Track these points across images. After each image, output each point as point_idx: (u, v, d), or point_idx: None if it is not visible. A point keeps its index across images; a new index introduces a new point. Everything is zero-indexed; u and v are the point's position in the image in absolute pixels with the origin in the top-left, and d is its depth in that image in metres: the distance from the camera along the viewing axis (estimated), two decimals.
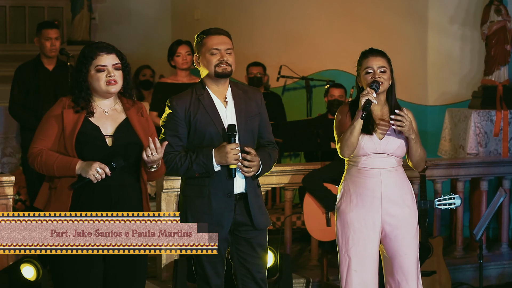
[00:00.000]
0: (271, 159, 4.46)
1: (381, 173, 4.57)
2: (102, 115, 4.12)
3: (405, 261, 4.60)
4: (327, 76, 8.98)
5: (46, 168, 4.05)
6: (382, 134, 4.58)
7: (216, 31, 4.44)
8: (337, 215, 4.67)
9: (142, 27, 11.67)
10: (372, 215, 4.57)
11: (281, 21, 9.63)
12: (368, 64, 4.60)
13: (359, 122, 4.48)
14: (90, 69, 4.06)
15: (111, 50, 4.10)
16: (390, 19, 8.44)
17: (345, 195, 4.64)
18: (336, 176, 6.17)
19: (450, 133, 7.78)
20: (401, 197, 4.61)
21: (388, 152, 4.57)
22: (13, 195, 5.91)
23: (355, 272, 4.58)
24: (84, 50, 4.11)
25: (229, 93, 4.44)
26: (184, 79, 7.03)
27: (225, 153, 4.25)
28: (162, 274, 6.32)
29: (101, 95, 4.11)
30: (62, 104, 4.11)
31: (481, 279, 5.69)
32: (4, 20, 11.14)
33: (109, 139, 4.09)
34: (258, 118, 4.45)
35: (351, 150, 4.54)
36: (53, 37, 6.76)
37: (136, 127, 4.14)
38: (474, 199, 7.40)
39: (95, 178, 3.97)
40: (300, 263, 6.94)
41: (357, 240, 4.57)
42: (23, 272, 5.63)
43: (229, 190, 4.34)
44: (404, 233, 4.60)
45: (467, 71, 8.07)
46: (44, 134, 4.09)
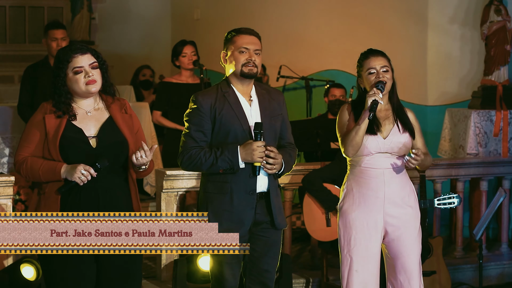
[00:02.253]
0: (292, 159, 4.49)
1: (384, 173, 4.57)
2: (85, 116, 4.10)
3: (408, 262, 4.60)
4: (327, 76, 8.98)
5: (32, 174, 4.04)
6: (386, 134, 4.58)
7: (247, 30, 4.43)
8: (339, 215, 4.67)
9: (142, 27, 11.67)
10: (374, 215, 4.57)
11: (281, 21, 9.62)
12: (370, 64, 4.59)
13: (366, 123, 4.47)
14: (68, 72, 4.05)
15: (86, 50, 4.08)
16: (390, 19, 8.44)
17: (348, 195, 4.63)
18: (336, 176, 6.17)
19: (450, 133, 7.78)
20: (403, 197, 4.60)
21: (391, 152, 4.57)
22: (13, 195, 5.92)
23: (356, 273, 4.58)
24: (58, 54, 4.09)
25: (254, 93, 4.44)
26: (189, 79, 7.05)
27: (251, 150, 4.26)
28: (162, 274, 6.32)
29: (82, 96, 4.09)
30: (43, 110, 4.11)
31: (481, 279, 5.69)
32: (4, 20, 11.13)
33: (93, 140, 4.07)
34: (280, 118, 4.47)
35: (356, 150, 4.53)
36: (59, 38, 6.78)
37: (120, 125, 4.12)
38: (474, 199, 7.40)
39: (80, 181, 3.96)
40: (300, 263, 6.94)
41: (359, 240, 4.57)
42: (23, 272, 5.63)
43: (252, 188, 4.34)
44: (407, 233, 4.59)
45: (467, 71, 8.07)
46: (28, 141, 4.08)
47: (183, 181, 6.29)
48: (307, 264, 6.90)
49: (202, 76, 6.93)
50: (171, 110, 7.02)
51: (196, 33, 10.81)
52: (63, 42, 6.79)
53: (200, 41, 9.33)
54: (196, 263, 5.96)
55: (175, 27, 11.74)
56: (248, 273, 4.49)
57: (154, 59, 10.55)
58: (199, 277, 5.98)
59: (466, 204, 7.50)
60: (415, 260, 4.61)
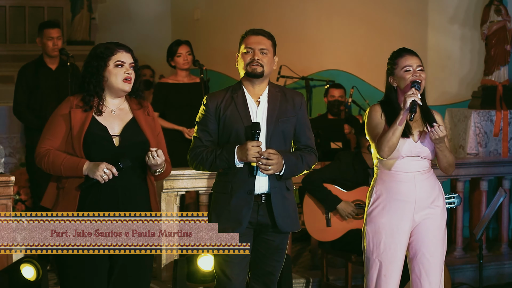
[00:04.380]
0: (302, 163, 4.42)
1: (415, 177, 4.51)
2: (109, 114, 4.13)
3: (431, 263, 4.54)
4: (327, 76, 8.98)
5: (53, 168, 4.05)
6: (417, 137, 4.52)
7: (254, 31, 4.45)
8: (367, 220, 4.58)
9: (142, 27, 11.66)
10: (404, 220, 4.51)
11: (281, 21, 9.62)
12: (407, 62, 4.53)
13: (402, 124, 4.39)
14: (109, 64, 4.08)
15: (129, 49, 4.15)
16: (390, 19, 8.44)
17: (378, 201, 4.55)
18: (336, 176, 6.17)
19: (450, 133, 7.78)
20: (433, 199, 4.55)
21: (421, 155, 4.51)
22: (13, 195, 5.91)
23: (384, 277, 4.53)
24: (100, 46, 4.14)
25: (265, 94, 4.44)
26: (185, 79, 7.04)
27: (246, 150, 4.26)
28: (162, 274, 6.32)
29: (113, 92, 4.12)
30: (69, 104, 4.11)
31: (481, 279, 5.68)
32: (4, 20, 11.14)
33: (116, 139, 4.10)
34: (292, 120, 4.43)
35: (392, 151, 4.43)
36: (54, 37, 6.76)
37: (143, 126, 4.16)
38: (474, 199, 7.40)
39: (102, 179, 3.98)
40: (300, 263, 6.94)
41: (388, 245, 4.52)
42: (23, 272, 5.63)
43: (250, 188, 4.34)
44: (434, 235, 4.54)
45: (467, 71, 8.07)
46: (52, 134, 4.09)
47: (183, 181, 6.29)
48: (307, 264, 6.90)
49: (202, 76, 6.93)
50: (168, 111, 7.01)
51: (196, 33, 10.81)
52: (59, 41, 6.77)
53: (200, 41, 9.35)
54: (196, 263, 5.96)
55: (175, 27, 11.74)
56: (253, 272, 4.52)
57: (154, 59, 10.54)
58: (199, 277, 5.98)
59: (466, 204, 7.50)
60: (438, 262, 4.56)
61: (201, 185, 6.33)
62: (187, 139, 6.83)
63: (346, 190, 6.11)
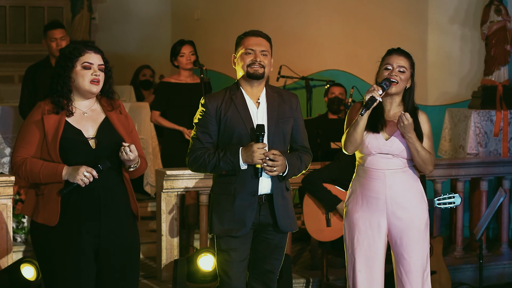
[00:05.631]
0: (301, 163, 4.46)
1: (386, 175, 4.55)
2: (81, 116, 4.09)
3: (410, 265, 4.57)
4: (327, 76, 8.98)
5: (32, 176, 4.01)
6: (389, 135, 4.54)
7: (254, 32, 4.46)
8: (344, 215, 4.67)
9: (142, 27, 11.66)
10: (377, 217, 4.55)
11: (281, 21, 9.62)
12: (390, 61, 4.56)
13: (362, 119, 4.44)
14: (76, 65, 4.04)
15: (98, 50, 4.10)
16: (390, 19, 8.44)
17: (353, 196, 4.64)
18: (336, 176, 6.17)
19: (450, 133, 7.78)
20: (408, 199, 4.57)
21: (393, 153, 4.54)
22: (13, 195, 5.91)
23: (359, 273, 4.56)
24: (69, 46, 4.10)
25: (263, 95, 4.45)
26: (188, 79, 7.04)
27: (251, 152, 4.27)
28: (162, 274, 6.32)
29: (81, 94, 4.08)
30: (41, 110, 4.07)
31: (481, 279, 5.68)
32: (4, 20, 11.13)
33: (92, 141, 4.07)
34: (290, 121, 4.46)
35: (354, 146, 4.52)
36: (58, 37, 6.77)
37: (117, 125, 4.13)
38: (474, 199, 7.40)
39: (83, 182, 3.96)
40: (300, 263, 6.94)
41: (362, 240, 4.56)
42: (23, 272, 5.63)
43: (254, 189, 4.35)
44: (409, 236, 4.56)
45: (467, 71, 8.07)
46: (26, 142, 4.04)
47: (183, 181, 6.29)
48: (307, 264, 6.90)
49: (202, 76, 6.93)
50: (169, 110, 7.01)
51: (196, 33, 10.81)
52: (63, 42, 6.78)
53: (200, 41, 9.34)
54: (196, 263, 5.96)
55: (175, 27, 11.74)
56: (252, 271, 4.52)
57: (154, 59, 10.54)
58: (199, 277, 5.98)
59: (466, 204, 7.50)
60: (418, 263, 4.57)
61: (201, 185, 6.33)
62: (187, 140, 6.83)
63: (346, 190, 6.11)
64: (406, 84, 4.59)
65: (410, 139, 4.49)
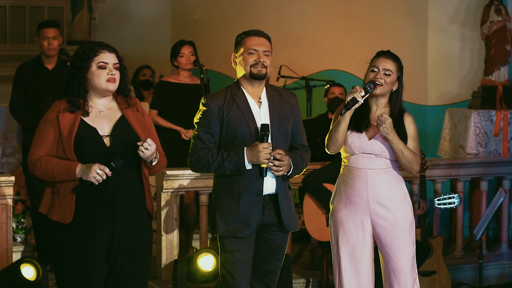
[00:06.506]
0: (303, 162, 4.48)
1: (368, 174, 4.57)
2: (97, 115, 4.11)
3: (397, 264, 4.58)
4: (327, 76, 8.98)
5: (47, 174, 4.04)
6: (372, 135, 4.57)
7: (256, 32, 4.45)
8: (330, 213, 4.72)
9: (142, 27, 11.66)
10: (360, 216, 4.59)
11: (281, 21, 9.62)
12: (376, 63, 4.59)
13: (344, 119, 4.50)
14: (91, 65, 4.06)
15: (113, 49, 4.12)
16: (390, 19, 8.44)
17: (337, 194, 4.69)
18: (336, 176, 6.16)
19: (450, 133, 7.78)
20: (390, 199, 4.59)
21: (375, 153, 4.57)
22: (13, 195, 5.91)
23: (345, 271, 4.60)
24: (83, 47, 4.11)
25: (264, 95, 4.45)
26: (187, 79, 7.04)
27: (257, 152, 4.26)
28: (162, 274, 6.32)
29: (98, 92, 4.10)
30: (56, 108, 4.09)
31: (481, 279, 5.69)
32: (4, 20, 11.13)
33: (106, 139, 4.08)
34: (291, 120, 4.47)
35: (336, 146, 4.57)
36: (50, 36, 6.71)
37: (133, 123, 4.14)
38: (474, 199, 7.39)
39: (96, 180, 3.97)
40: (300, 263, 6.94)
41: (346, 239, 4.60)
42: (23, 272, 5.63)
43: (258, 189, 4.35)
44: (394, 236, 4.58)
45: (467, 71, 8.07)
46: (42, 140, 4.08)
47: (183, 181, 6.29)
48: (307, 264, 6.90)
49: (202, 76, 6.93)
50: (167, 110, 7.01)
51: (196, 33, 10.81)
52: (55, 41, 6.73)
53: (200, 41, 9.34)
54: (196, 263, 5.96)
55: (175, 27, 11.74)
56: (252, 271, 4.51)
57: (154, 59, 10.54)
58: (199, 277, 5.98)
59: (466, 204, 7.50)
60: (405, 262, 4.58)
61: (201, 185, 6.32)
62: (184, 139, 6.84)
63: None
64: (392, 87, 4.60)
65: (393, 140, 4.51)
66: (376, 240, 4.64)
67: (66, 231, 4.02)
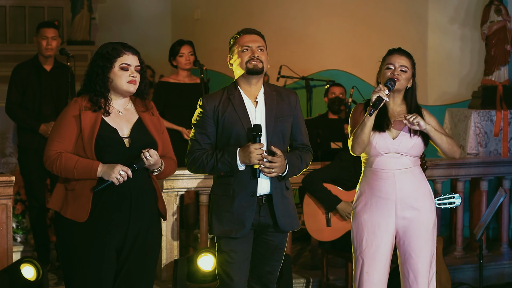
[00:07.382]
0: (302, 162, 4.44)
1: (395, 175, 4.53)
2: (117, 115, 4.12)
3: (417, 264, 4.56)
4: (327, 76, 8.99)
5: (66, 171, 4.01)
6: (395, 133, 4.54)
7: (247, 30, 4.45)
8: (352, 216, 4.65)
9: (142, 27, 11.67)
10: (386, 218, 4.54)
11: (281, 21, 9.63)
12: (391, 60, 4.56)
13: (370, 119, 4.43)
14: (114, 66, 4.06)
15: (136, 51, 4.14)
16: (390, 19, 8.44)
17: (361, 197, 4.61)
18: (336, 176, 6.17)
19: (450, 133, 7.78)
20: (416, 198, 4.56)
21: (401, 152, 4.53)
22: (13, 195, 5.91)
23: (366, 274, 4.56)
24: (107, 46, 4.11)
25: (261, 94, 4.43)
26: (186, 79, 7.03)
27: (248, 153, 4.25)
28: (162, 274, 6.32)
29: (118, 93, 4.11)
30: (78, 105, 4.07)
31: (481, 279, 5.68)
32: (4, 20, 11.15)
33: (126, 140, 4.09)
34: (289, 120, 4.44)
35: (362, 148, 4.50)
36: (49, 36, 6.70)
37: (149, 126, 4.16)
38: (474, 199, 7.40)
39: (117, 181, 3.97)
40: (300, 263, 6.94)
41: (370, 242, 4.55)
42: (23, 272, 5.63)
43: (252, 190, 4.34)
44: (418, 235, 4.56)
45: (467, 71, 8.07)
46: (61, 136, 4.04)
47: (183, 181, 6.29)
48: (307, 264, 6.90)
49: (202, 76, 6.93)
50: (167, 110, 7.01)
51: (196, 33, 10.81)
52: (53, 42, 6.71)
53: (200, 41, 9.35)
54: (196, 263, 5.96)
55: (175, 27, 11.75)
56: (251, 272, 4.50)
57: (154, 59, 10.55)
58: (199, 277, 5.98)
59: (466, 204, 7.50)
60: (425, 262, 4.57)
61: (201, 185, 6.33)
62: (186, 139, 6.83)
63: (346, 190, 6.11)
64: (408, 84, 4.60)
65: (431, 131, 4.49)
66: (397, 240, 4.61)
67: (79, 229, 4.01)
